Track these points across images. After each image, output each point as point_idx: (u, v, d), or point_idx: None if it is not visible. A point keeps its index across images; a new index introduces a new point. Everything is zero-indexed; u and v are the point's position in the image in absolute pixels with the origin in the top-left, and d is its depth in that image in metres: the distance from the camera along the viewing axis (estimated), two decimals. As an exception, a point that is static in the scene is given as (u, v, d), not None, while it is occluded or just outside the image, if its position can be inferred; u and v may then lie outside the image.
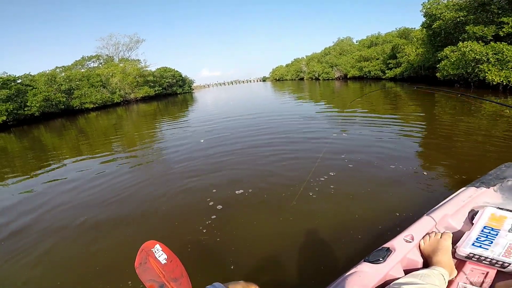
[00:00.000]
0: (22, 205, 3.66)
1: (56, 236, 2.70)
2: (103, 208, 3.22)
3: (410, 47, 16.68)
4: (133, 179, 4.12)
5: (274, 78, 61.26)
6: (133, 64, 32.76)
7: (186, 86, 44.44)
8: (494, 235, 1.21)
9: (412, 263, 1.21)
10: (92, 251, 2.38)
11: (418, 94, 10.45)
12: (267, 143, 5.37)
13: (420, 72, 14.90)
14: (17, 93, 19.16)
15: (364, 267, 1.11)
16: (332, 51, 34.17)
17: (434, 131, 5.09)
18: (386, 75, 19.45)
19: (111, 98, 26.13)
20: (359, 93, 13.61)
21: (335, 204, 2.64)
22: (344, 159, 3.89)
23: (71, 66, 35.25)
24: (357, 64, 24.80)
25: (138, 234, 2.55)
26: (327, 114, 8.44)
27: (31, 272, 2.22)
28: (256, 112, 10.55)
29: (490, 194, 1.61)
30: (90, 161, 5.72)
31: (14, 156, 7.76)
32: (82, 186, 4.11)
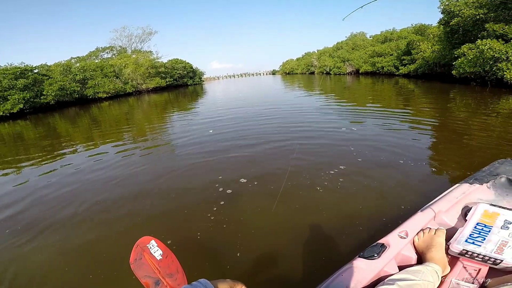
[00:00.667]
0: (31, 190, 3.81)
1: (64, 219, 2.82)
2: (110, 193, 3.34)
3: (426, 44, 16.25)
4: (142, 167, 4.25)
5: (284, 71, 60.58)
6: (146, 55, 33.04)
7: (197, 78, 44.64)
8: (487, 231, 1.22)
9: (407, 259, 1.22)
10: (99, 235, 2.49)
11: (432, 91, 10.24)
12: (274, 133, 5.44)
13: (435, 69, 14.55)
14: (34, 82, 19.71)
15: (359, 263, 1.12)
16: (344, 46, 33.60)
17: (446, 127, 5.02)
18: (400, 71, 19.04)
19: (124, 88, 26.56)
20: (370, 89, 13.41)
21: (338, 199, 2.65)
22: (353, 152, 3.90)
23: (86, 57, 35.88)
24: (370, 60, 24.32)
25: (146, 220, 2.64)
26: (337, 107, 8.39)
27: (41, 254, 2.34)
28: (265, 104, 10.60)
29: (483, 190, 1.62)
30: (101, 147, 5.90)
31: (29, 142, 8.02)
32: (92, 171, 4.26)
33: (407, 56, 18.55)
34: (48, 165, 4.94)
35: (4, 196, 3.70)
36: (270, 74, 77.80)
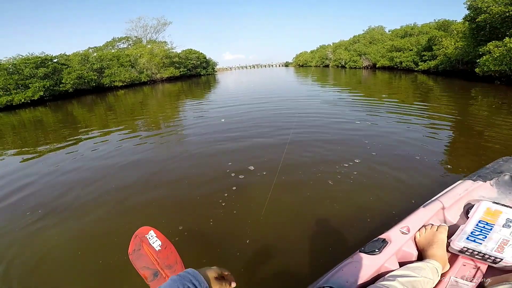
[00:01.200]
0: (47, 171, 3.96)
1: (78, 203, 2.92)
2: (125, 179, 3.44)
3: (448, 40, 15.64)
4: (155, 154, 4.37)
5: (298, 63, 59.47)
6: (160, 45, 33.29)
7: (210, 68, 44.70)
8: (489, 229, 1.21)
9: (407, 255, 1.22)
10: (112, 220, 2.57)
11: (453, 88, 9.89)
12: (286, 125, 5.44)
13: (457, 67, 14.00)
14: (54, 71, 20.27)
15: (360, 257, 1.12)
16: (361, 39, 32.66)
17: (465, 125, 4.87)
18: (419, 67, 18.39)
19: (139, 77, 26.97)
20: (387, 84, 13.07)
21: (349, 192, 2.64)
22: (367, 145, 3.85)
23: (103, 47, 36.50)
24: (388, 54, 23.60)
25: (159, 206, 2.70)
26: (351, 100, 8.26)
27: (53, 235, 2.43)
28: (277, 95, 10.57)
29: (486, 188, 1.60)
30: (116, 134, 6.04)
31: (48, 127, 8.29)
32: (106, 157, 4.39)
33: (427, 52, 17.90)
34: (65, 150, 5.11)
35: (20, 177, 3.87)
36: (282, 66, 76.62)
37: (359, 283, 1.00)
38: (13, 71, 18.55)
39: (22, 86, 18.27)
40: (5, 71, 18.20)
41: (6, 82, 17.49)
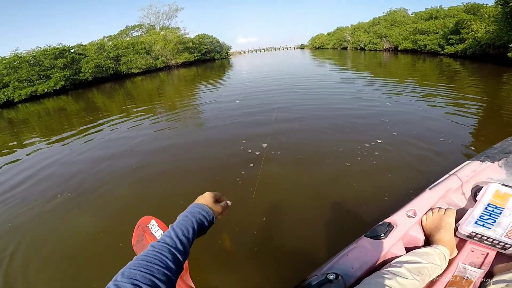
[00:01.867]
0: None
1: (102, 186, 3.02)
2: (145, 160, 3.54)
3: (478, 24, 14.61)
4: (173, 136, 4.49)
5: (314, 46, 57.49)
6: (173, 32, 33.15)
7: (224, 52, 44.27)
8: (498, 213, 1.15)
9: (414, 240, 1.17)
10: (133, 201, 2.64)
11: (482, 72, 9.26)
12: (304, 106, 5.34)
13: (488, 51, 13.15)
14: (72, 61, 20.83)
15: (365, 242, 1.08)
16: (382, 22, 30.99)
17: (493, 109, 4.53)
18: (445, 51, 17.25)
19: (154, 64, 27.16)
20: (410, 66, 12.44)
21: (368, 173, 2.55)
22: (387, 124, 3.72)
23: (117, 35, 36.77)
24: (410, 37, 22.30)
25: (179, 184, 2.76)
26: (371, 82, 7.95)
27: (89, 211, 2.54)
28: (293, 77, 10.34)
29: (495, 169, 1.52)
30: (135, 119, 6.16)
31: (72, 115, 8.60)
32: (127, 140, 4.50)
33: (455, 36, 16.74)
34: (89, 136, 5.28)
35: (46, 163, 4.04)
36: (298, 49, 74.33)
37: (364, 269, 0.98)
38: (34, 63, 19.19)
39: (44, 77, 18.96)
40: (26, 63, 18.85)
41: (28, 73, 18.20)
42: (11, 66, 18.19)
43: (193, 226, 0.63)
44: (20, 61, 18.68)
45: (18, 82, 17.58)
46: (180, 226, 0.62)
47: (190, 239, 0.61)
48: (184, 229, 0.61)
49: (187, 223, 0.63)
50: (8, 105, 16.22)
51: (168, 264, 0.52)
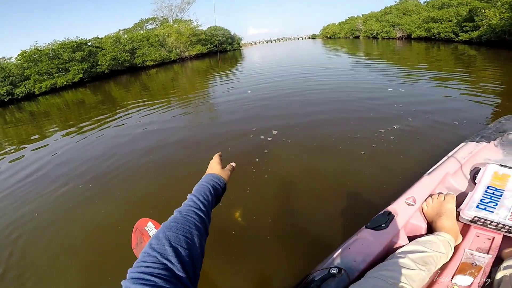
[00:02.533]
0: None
1: (123, 172, 3.21)
2: (165, 147, 3.71)
3: (492, 11, 14.11)
4: (188, 126, 4.65)
5: (325, 35, 56.27)
6: (186, 24, 33.26)
7: (235, 44, 44.22)
8: (499, 196, 1.13)
9: (416, 229, 1.14)
10: (156, 187, 2.79)
11: (499, 58, 8.91)
12: (316, 94, 5.39)
13: (504, 37, 12.79)
14: (89, 54, 21.35)
15: (366, 234, 1.06)
16: (394, 11, 30.28)
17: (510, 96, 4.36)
18: (460, 38, 16.76)
19: (168, 56, 27.49)
20: (424, 54, 12.09)
21: (381, 160, 2.54)
22: (400, 110, 3.73)
23: (132, 29, 37.28)
24: (423, 25, 21.71)
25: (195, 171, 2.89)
26: (385, 70, 7.82)
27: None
28: (304, 66, 10.30)
29: (491, 149, 1.51)
30: (150, 109, 6.36)
31: (90, 107, 8.89)
32: (144, 130, 4.67)
33: (469, 23, 16.25)
34: (107, 126, 5.50)
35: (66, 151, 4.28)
36: (309, 39, 72.84)
37: (367, 261, 0.95)
38: (53, 56, 19.80)
39: (63, 70, 19.57)
40: (46, 56, 19.48)
41: (48, 66, 18.83)
42: (32, 60, 18.85)
43: (210, 190, 0.68)
44: (40, 54, 19.32)
45: (38, 75, 18.23)
46: (198, 192, 0.66)
47: (210, 202, 0.65)
48: (203, 194, 0.66)
49: (204, 188, 0.68)
50: (29, 98, 16.90)
51: (197, 225, 0.57)
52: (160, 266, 0.46)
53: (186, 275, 0.47)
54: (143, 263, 0.46)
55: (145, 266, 0.45)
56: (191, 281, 0.48)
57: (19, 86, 17.23)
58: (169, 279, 0.44)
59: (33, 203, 2.73)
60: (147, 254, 0.48)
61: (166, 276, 0.44)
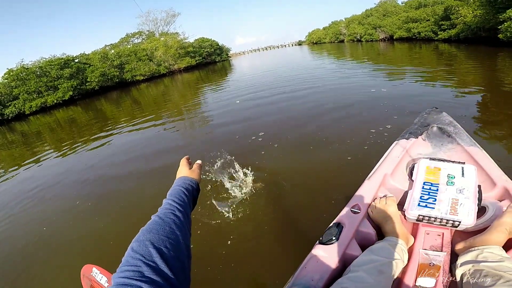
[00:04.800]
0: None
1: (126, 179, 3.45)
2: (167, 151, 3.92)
3: (466, 9, 15.04)
4: (181, 136, 4.97)
5: (311, 41, 57.58)
6: (173, 37, 33.63)
7: (224, 54, 44.81)
8: (435, 191, 1.16)
9: (366, 236, 1.12)
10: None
11: (477, 54, 9.57)
12: (300, 98, 5.82)
13: (480, 34, 13.57)
14: (77, 70, 21.42)
15: (320, 250, 1.03)
16: (374, 13, 31.62)
17: (493, 88, 4.72)
18: (439, 36, 17.70)
19: (158, 70, 27.79)
20: (407, 54, 12.73)
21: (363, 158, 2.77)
22: (384, 108, 4.04)
23: (118, 43, 37.48)
24: (404, 25, 22.75)
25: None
26: (372, 71, 8.31)
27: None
28: (290, 73, 10.78)
29: (420, 143, 1.57)
30: (143, 124, 6.58)
31: (82, 125, 9.03)
32: (137, 145, 4.91)
33: (445, 21, 17.26)
34: (100, 144, 5.69)
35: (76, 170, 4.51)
36: (296, 45, 74.46)
37: (325, 279, 0.94)
38: (41, 74, 19.77)
39: (52, 88, 19.53)
40: (33, 74, 19.44)
41: (36, 85, 18.77)
42: (19, 78, 18.77)
43: (184, 192, 0.66)
44: (27, 73, 19.29)
45: (27, 94, 18.15)
46: (173, 195, 0.65)
47: (186, 203, 0.64)
48: (177, 196, 0.64)
49: (178, 191, 0.66)
50: (20, 118, 16.83)
51: (178, 225, 0.55)
52: (146, 269, 0.43)
53: (175, 277, 0.45)
54: (127, 267, 0.44)
55: (129, 270, 0.43)
56: (181, 283, 0.46)
57: (9, 106, 17.14)
58: (157, 282, 0.42)
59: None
60: (130, 257, 0.45)
61: (153, 279, 0.42)
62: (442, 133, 1.58)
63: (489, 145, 2.67)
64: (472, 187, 1.13)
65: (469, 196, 1.10)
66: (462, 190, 1.12)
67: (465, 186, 1.14)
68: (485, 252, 0.87)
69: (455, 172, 1.21)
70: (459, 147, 1.47)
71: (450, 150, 1.48)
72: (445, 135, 1.56)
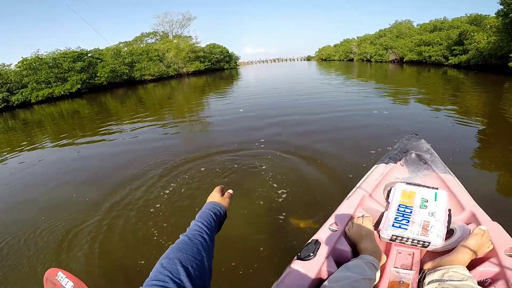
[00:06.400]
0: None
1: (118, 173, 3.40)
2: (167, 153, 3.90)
3: (481, 35, 15.06)
4: (182, 139, 4.92)
5: (320, 57, 58.09)
6: (186, 40, 34.17)
7: (233, 62, 45.31)
8: (409, 213, 1.23)
9: (342, 253, 1.17)
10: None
11: (486, 82, 9.57)
12: (303, 114, 5.81)
13: (490, 61, 13.55)
14: (89, 65, 21.67)
15: (297, 265, 1.07)
16: (388, 33, 31.64)
17: (497, 118, 4.77)
18: (449, 62, 17.71)
19: (167, 71, 28.04)
20: (415, 78, 12.77)
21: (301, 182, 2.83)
22: (385, 130, 4.01)
23: (132, 42, 37.94)
24: (416, 48, 22.79)
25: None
26: (378, 94, 8.31)
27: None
28: (296, 87, 10.90)
29: (398, 168, 1.65)
30: (145, 123, 6.60)
31: (85, 118, 9.11)
32: (135, 144, 4.89)
33: (458, 46, 17.25)
34: (100, 139, 5.71)
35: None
36: (304, 60, 75.06)
37: None
38: (53, 65, 19.94)
39: (61, 79, 19.72)
40: (46, 65, 19.64)
41: (47, 75, 18.97)
42: (31, 67, 18.98)
43: (212, 217, 0.72)
44: (41, 63, 19.51)
45: (36, 83, 18.33)
46: (202, 218, 0.71)
47: (213, 227, 0.70)
48: (206, 220, 0.70)
49: (207, 215, 0.72)
50: (24, 106, 16.95)
51: (204, 247, 0.60)
52: (172, 285, 0.47)
53: None
54: (155, 281, 0.48)
55: (157, 285, 0.47)
56: None
57: (16, 94, 17.30)
58: None
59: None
60: (159, 272, 0.50)
61: None
62: (419, 159, 1.67)
63: (473, 173, 2.78)
64: (443, 210, 1.22)
65: (440, 219, 1.18)
66: (434, 213, 1.21)
67: (436, 210, 1.22)
68: (450, 271, 0.93)
69: (428, 196, 1.30)
70: (434, 173, 1.57)
71: (425, 176, 1.58)
72: (422, 161, 1.66)
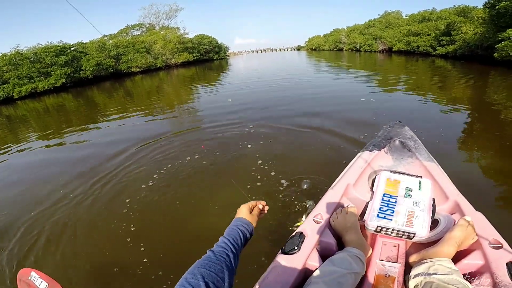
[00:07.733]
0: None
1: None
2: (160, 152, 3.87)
3: (468, 26, 15.29)
4: (171, 130, 4.80)
5: (310, 47, 57.67)
6: (173, 31, 33.40)
7: (222, 53, 44.63)
8: (394, 203, 1.18)
9: (327, 246, 1.13)
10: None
11: (472, 72, 9.74)
12: (291, 103, 5.88)
13: (476, 51, 13.85)
14: (73, 58, 20.94)
15: (282, 260, 1.03)
16: (377, 24, 31.74)
17: (482, 106, 4.85)
18: (437, 52, 17.96)
19: (154, 63, 27.41)
20: (403, 67, 12.87)
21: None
22: (373, 117, 4.02)
23: (117, 34, 36.87)
24: (404, 38, 22.98)
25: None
26: (367, 82, 8.32)
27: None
28: (285, 76, 10.94)
29: (383, 156, 1.61)
30: (133, 117, 6.49)
31: (71, 112, 8.88)
32: (125, 136, 4.80)
33: (446, 37, 17.50)
34: (86, 133, 5.60)
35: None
36: (294, 50, 74.46)
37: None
38: (35, 60, 19.25)
39: (44, 74, 19.04)
40: (27, 60, 18.92)
41: (29, 70, 18.27)
42: (12, 63, 18.24)
43: (240, 235, 0.74)
44: (21, 58, 18.78)
45: (18, 79, 17.68)
46: (230, 235, 0.73)
47: (239, 245, 0.73)
48: (234, 237, 0.73)
49: (235, 233, 0.74)
50: (7, 102, 16.39)
51: (227, 265, 0.64)
52: None
53: None
54: None
55: None
56: None
57: (-3, 90, 16.68)
58: None
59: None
60: (183, 286, 0.54)
61: None
62: (403, 147, 1.64)
63: (457, 161, 2.79)
64: (427, 200, 1.18)
65: (424, 209, 1.14)
66: (418, 203, 1.17)
67: (421, 199, 1.18)
68: (436, 264, 0.91)
69: (412, 185, 1.26)
70: (417, 161, 1.53)
71: (409, 163, 1.54)
72: (405, 149, 1.62)
